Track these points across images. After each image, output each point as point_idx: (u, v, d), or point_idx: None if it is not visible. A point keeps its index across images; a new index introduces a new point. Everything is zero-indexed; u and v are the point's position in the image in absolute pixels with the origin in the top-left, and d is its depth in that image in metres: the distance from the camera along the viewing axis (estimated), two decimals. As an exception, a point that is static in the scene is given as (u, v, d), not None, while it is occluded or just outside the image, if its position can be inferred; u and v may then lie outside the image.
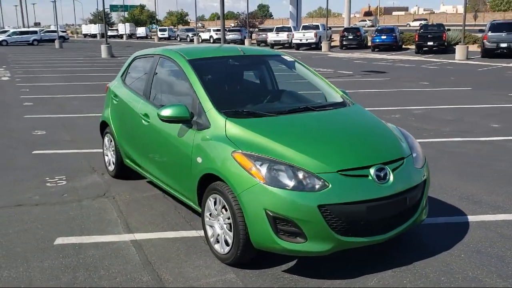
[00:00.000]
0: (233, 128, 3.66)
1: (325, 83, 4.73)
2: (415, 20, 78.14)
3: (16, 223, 4.42)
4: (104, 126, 5.85)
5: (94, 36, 79.62)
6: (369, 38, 36.22)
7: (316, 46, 35.55)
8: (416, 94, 12.94)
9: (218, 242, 3.68)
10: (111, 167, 5.73)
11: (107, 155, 5.85)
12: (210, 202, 3.71)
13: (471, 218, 4.43)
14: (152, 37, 68.17)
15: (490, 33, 24.44)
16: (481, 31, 27.23)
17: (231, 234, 3.49)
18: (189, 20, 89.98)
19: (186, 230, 4.26)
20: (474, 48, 29.08)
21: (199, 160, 3.75)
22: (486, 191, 5.13)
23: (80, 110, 10.67)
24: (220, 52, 4.81)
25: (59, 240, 4.06)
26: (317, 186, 3.21)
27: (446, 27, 30.88)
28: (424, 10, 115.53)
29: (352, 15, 72.63)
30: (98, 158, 6.54)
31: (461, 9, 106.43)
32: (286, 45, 38.49)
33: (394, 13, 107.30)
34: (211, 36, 52.63)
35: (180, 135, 4.04)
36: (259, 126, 3.70)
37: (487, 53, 24.51)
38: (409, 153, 3.73)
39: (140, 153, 4.88)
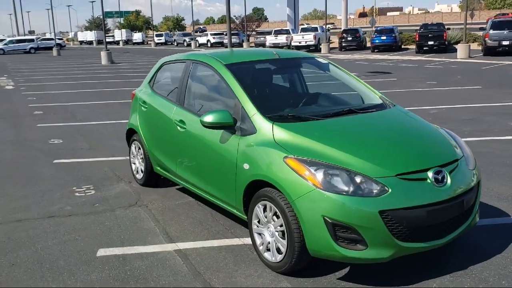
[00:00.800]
0: (281, 133, 3.58)
1: (362, 85, 4.66)
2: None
3: (53, 235, 4.33)
4: (131, 133, 5.76)
5: (90, 43, 79.51)
6: (367, 39, 36.30)
7: (316, 48, 35.55)
8: (426, 94, 12.90)
9: (268, 250, 3.60)
10: (140, 175, 5.64)
11: (134, 163, 5.76)
12: (258, 209, 3.63)
13: (515, 218, 4.37)
14: (149, 42, 68.10)
15: (491, 31, 24.49)
16: (482, 29, 27.35)
17: (284, 242, 3.41)
18: (185, 25, 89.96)
19: (228, 238, 4.17)
20: (474, 46, 29.17)
21: (246, 166, 3.67)
22: (523, 191, 5.07)
23: (92, 117, 10.57)
24: (255, 56, 4.73)
25: (101, 252, 3.97)
26: (376, 191, 3.13)
27: (446, 26, 30.91)
28: (419, 9, 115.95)
29: (348, 17, 72.67)
30: (121, 166, 6.46)
31: (455, 7, 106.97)
32: (284, 47, 38.46)
33: (388, 13, 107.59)
34: (208, 40, 52.50)
35: (223, 141, 3.96)
36: (308, 130, 3.62)
37: (489, 51, 24.55)
38: (462, 155, 3.67)
39: (174, 160, 4.79)
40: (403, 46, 33.79)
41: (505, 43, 24.09)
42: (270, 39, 38.91)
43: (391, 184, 3.16)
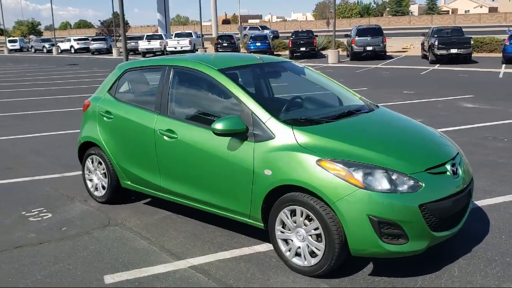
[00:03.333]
0: (304, 137, 3.59)
1: (340, 87, 4.85)
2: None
3: (37, 267, 3.79)
4: (86, 147, 5.24)
5: None
6: (241, 45, 37.29)
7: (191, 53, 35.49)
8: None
9: (297, 255, 3.59)
10: (100, 192, 5.16)
11: (91, 180, 5.25)
12: (283, 215, 3.59)
13: None
14: (0, 49, 61.72)
15: (357, 38, 26.80)
16: (347, 35, 29.73)
17: (320, 244, 3.43)
18: (41, 30, 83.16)
19: (236, 248, 4.04)
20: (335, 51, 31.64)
21: (268, 172, 3.61)
22: None
23: (-13, 133, 9.33)
24: (241, 60, 4.64)
25: (109, 279, 3.58)
26: (413, 187, 3.31)
27: (314, 33, 33.10)
28: (277, 17, 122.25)
29: (209, 23, 73.78)
30: (63, 184, 5.86)
31: (310, 16, 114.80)
32: (158, 53, 37.80)
33: (250, 21, 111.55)
34: (72, 46, 49.30)
35: (232, 148, 3.83)
36: (328, 132, 3.69)
37: (355, 56, 26.88)
38: (458, 149, 4.04)
39: (156, 172, 4.48)
40: (275, 52, 35.36)
41: (369, 48, 26.55)
42: (142, 44, 37.79)
43: (423, 179, 3.37)
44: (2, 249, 4.13)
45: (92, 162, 5.19)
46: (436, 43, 22.74)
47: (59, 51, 48.95)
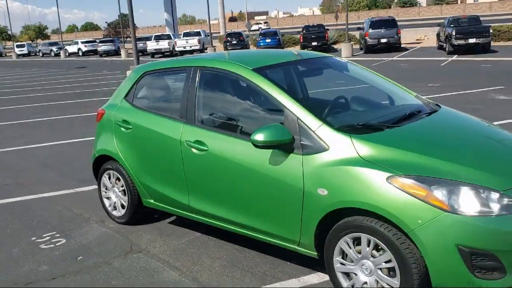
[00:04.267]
0: (366, 147, 2.96)
1: (393, 85, 4.20)
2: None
3: (51, 311, 3.20)
4: (101, 161, 4.65)
5: None
6: (249, 42, 36.63)
7: (201, 52, 34.97)
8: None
9: (363, 291, 2.96)
10: (119, 212, 4.57)
11: (108, 198, 4.67)
12: (344, 243, 2.97)
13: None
14: (8, 54, 61.61)
15: (371, 30, 26.08)
16: (360, 28, 28.95)
17: (394, 280, 2.80)
18: (48, 34, 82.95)
19: (283, 279, 3.43)
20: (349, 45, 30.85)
21: (323, 192, 2.98)
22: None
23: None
24: (279, 57, 4.00)
25: (137, 325, 2.98)
26: (510, 207, 2.67)
27: (326, 27, 32.35)
28: (284, 13, 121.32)
29: (216, 21, 73.19)
30: (77, 202, 5.28)
31: (317, 11, 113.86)
32: (167, 53, 37.31)
33: (256, 17, 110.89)
34: (79, 49, 48.97)
35: (276, 162, 3.21)
36: (395, 140, 3.05)
37: (369, 49, 26.14)
38: None
39: (183, 190, 3.88)
40: (285, 48, 34.68)
41: (383, 40, 25.81)
42: (151, 45, 37.27)
43: None
44: (11, 286, 3.56)
45: (109, 178, 4.60)
46: (454, 33, 21.93)
47: (67, 54, 48.62)
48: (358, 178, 2.86)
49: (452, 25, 22.93)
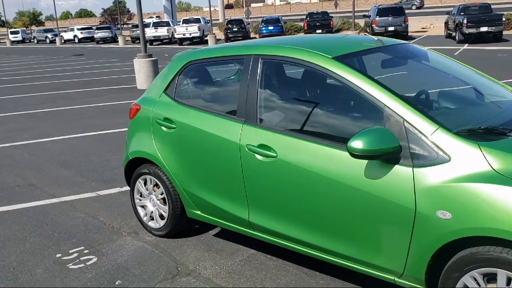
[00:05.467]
0: (499, 159, 2.33)
1: (483, 77, 3.57)
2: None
3: None
4: (136, 164, 4.02)
5: None
6: (251, 30, 35.82)
7: (201, 40, 34.16)
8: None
9: None
10: (157, 223, 3.94)
11: (144, 206, 4.03)
12: (471, 280, 2.36)
13: None
14: (1, 41, 60.27)
15: (378, 18, 25.42)
16: (366, 16, 28.26)
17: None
18: (42, 20, 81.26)
19: (374, 315, 2.82)
20: (355, 33, 30.16)
21: (444, 215, 2.36)
22: None
23: (5, 139, 8.11)
24: (359, 44, 3.32)
25: None
26: None
27: (330, 15, 31.64)
28: (281, 1, 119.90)
29: (212, 9, 71.93)
30: (103, 207, 4.65)
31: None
32: (165, 40, 36.46)
33: (253, 5, 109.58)
34: (75, 36, 47.95)
35: (374, 176, 2.59)
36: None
37: (376, 37, 25.46)
38: None
39: (242, 202, 3.25)
40: (286, 35, 33.91)
41: (391, 29, 25.17)
42: (149, 32, 36.36)
43: None
44: (40, 322, 2.93)
45: (145, 184, 3.96)
46: (465, 21, 21.27)
47: (62, 41, 47.54)
48: (495, 199, 2.24)
49: (462, 13, 22.29)
